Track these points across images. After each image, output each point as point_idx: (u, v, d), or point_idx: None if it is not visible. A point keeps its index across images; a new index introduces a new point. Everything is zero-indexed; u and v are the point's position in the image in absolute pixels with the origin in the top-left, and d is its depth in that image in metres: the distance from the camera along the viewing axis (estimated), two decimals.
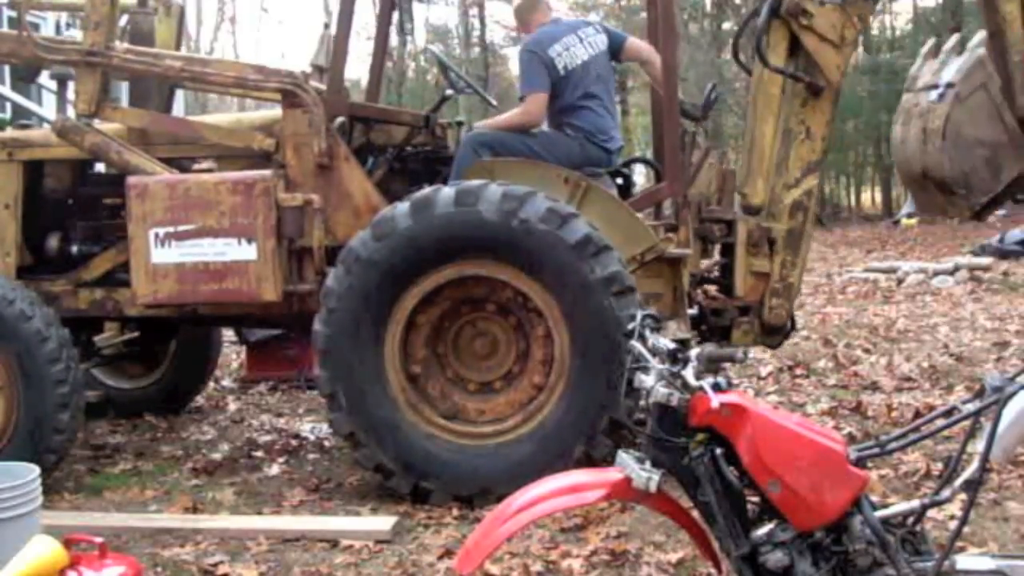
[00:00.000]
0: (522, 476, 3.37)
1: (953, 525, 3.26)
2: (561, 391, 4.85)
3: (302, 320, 5.29)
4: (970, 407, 2.83)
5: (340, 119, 5.36)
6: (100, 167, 6.09)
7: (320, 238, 5.16)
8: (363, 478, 5.35)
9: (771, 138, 5.28)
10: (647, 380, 2.84)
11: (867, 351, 8.22)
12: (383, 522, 4.61)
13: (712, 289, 5.75)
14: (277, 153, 5.31)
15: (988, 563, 2.85)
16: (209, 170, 5.45)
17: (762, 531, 2.81)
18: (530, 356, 5.02)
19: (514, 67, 39.87)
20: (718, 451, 2.79)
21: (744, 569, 2.81)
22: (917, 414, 5.92)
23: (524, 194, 4.80)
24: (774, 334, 5.36)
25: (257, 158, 5.36)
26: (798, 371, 7.54)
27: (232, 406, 7.14)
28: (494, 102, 6.83)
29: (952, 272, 12.62)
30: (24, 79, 6.38)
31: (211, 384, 7.62)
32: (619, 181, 5.86)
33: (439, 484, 4.86)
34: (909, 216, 21.23)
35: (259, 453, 5.94)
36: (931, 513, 3.17)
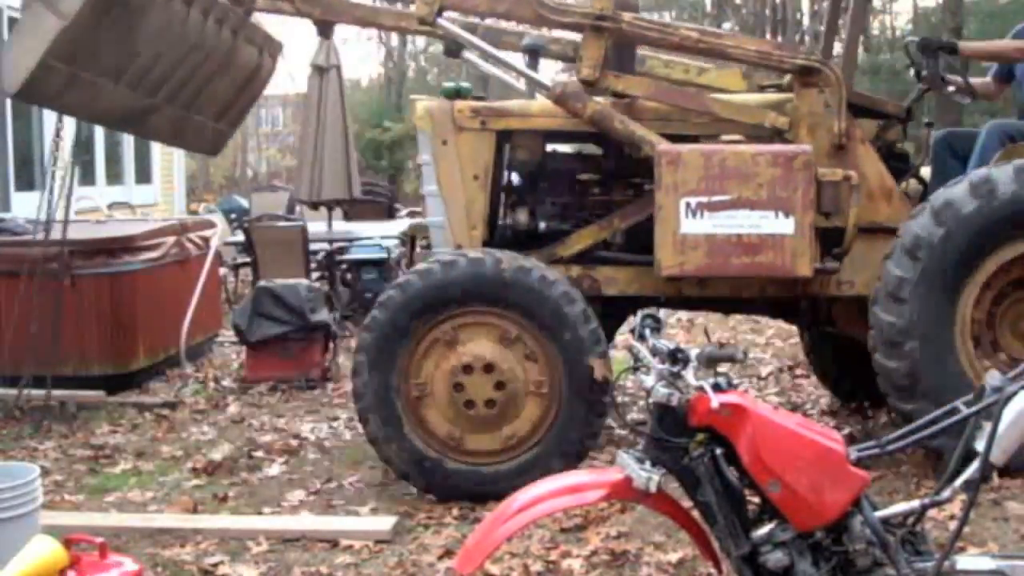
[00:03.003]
0: None
1: (953, 525, 3.26)
2: None
3: (808, 305, 5.44)
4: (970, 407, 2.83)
5: None
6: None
7: (857, 216, 5.05)
8: (363, 478, 5.35)
9: None
10: (647, 380, 2.85)
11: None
12: (383, 522, 4.61)
13: None
14: (788, 132, 5.24)
15: (988, 563, 2.84)
16: (738, 141, 5.33)
17: (762, 531, 2.81)
18: None
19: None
20: (718, 451, 2.80)
21: (744, 569, 2.81)
22: None
23: None
24: None
25: (763, 136, 5.27)
26: (798, 371, 7.53)
27: (232, 406, 7.12)
28: (967, 101, 6.64)
29: None
30: (449, 55, 6.08)
31: (211, 384, 7.62)
32: None
33: None
34: None
35: (259, 453, 5.93)
36: (931, 513, 3.17)
